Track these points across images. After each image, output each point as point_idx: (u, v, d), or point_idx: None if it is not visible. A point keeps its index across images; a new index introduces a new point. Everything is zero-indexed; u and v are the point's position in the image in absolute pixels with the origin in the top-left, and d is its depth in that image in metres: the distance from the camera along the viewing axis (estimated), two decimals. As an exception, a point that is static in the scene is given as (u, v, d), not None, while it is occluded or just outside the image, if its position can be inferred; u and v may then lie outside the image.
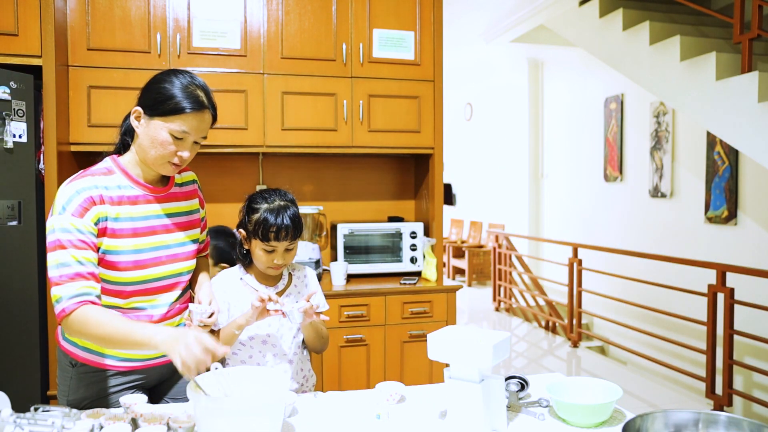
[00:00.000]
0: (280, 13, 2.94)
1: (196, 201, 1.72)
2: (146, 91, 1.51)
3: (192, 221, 1.68)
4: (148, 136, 1.48)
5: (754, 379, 4.48)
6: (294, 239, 1.72)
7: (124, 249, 1.49)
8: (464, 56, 7.31)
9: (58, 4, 2.57)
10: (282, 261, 1.72)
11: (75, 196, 1.44)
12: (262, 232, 1.68)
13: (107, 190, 1.49)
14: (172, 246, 1.60)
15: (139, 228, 1.53)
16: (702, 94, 3.75)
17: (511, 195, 8.12)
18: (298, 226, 1.72)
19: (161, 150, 1.48)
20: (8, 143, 2.39)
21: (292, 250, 1.74)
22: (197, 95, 1.49)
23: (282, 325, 1.78)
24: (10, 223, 2.43)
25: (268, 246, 1.70)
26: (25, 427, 1.22)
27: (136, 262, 1.51)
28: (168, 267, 1.59)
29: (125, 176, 1.54)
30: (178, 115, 1.46)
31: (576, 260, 5.69)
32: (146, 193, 1.57)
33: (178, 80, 1.49)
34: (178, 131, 1.47)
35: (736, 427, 1.21)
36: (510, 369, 4.87)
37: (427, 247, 3.19)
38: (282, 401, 1.35)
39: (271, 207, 1.70)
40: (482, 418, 1.39)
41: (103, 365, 1.57)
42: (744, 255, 4.60)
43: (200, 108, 1.49)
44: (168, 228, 1.59)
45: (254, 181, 3.31)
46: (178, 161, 1.51)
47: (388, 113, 3.08)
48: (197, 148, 1.55)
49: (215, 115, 1.56)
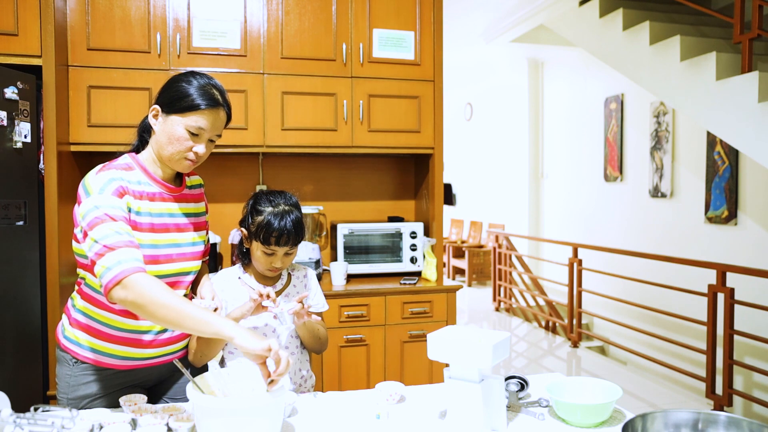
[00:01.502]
0: (280, 13, 2.94)
1: (203, 204, 1.77)
2: (165, 90, 1.57)
3: (200, 223, 1.72)
4: (165, 133, 1.53)
5: (754, 379, 4.48)
6: (295, 245, 1.73)
7: (143, 243, 1.51)
8: (464, 56, 7.31)
9: (58, 4, 2.57)
10: (281, 264, 1.73)
11: (110, 182, 1.47)
12: (264, 236, 1.69)
13: (130, 184, 1.53)
14: (182, 245, 1.63)
15: (156, 224, 1.56)
16: (702, 94, 3.75)
17: (511, 195, 8.12)
18: (300, 232, 1.73)
19: (178, 146, 1.52)
20: (17, 143, 2.40)
21: (291, 255, 1.75)
22: (213, 93, 1.54)
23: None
24: (17, 223, 2.43)
25: (268, 249, 1.71)
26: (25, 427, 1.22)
27: (153, 257, 1.54)
28: (177, 265, 1.61)
29: (144, 173, 1.58)
30: (194, 112, 1.51)
31: (576, 260, 5.69)
32: (162, 191, 1.60)
33: (196, 80, 1.55)
34: (194, 127, 1.52)
35: (736, 427, 1.21)
36: (510, 369, 4.87)
37: (427, 247, 3.19)
38: (282, 401, 1.35)
39: (275, 211, 1.71)
40: (482, 418, 1.39)
41: (103, 364, 1.57)
42: (744, 255, 4.60)
43: (215, 105, 1.54)
44: (180, 227, 1.63)
45: (254, 181, 3.31)
46: (194, 157, 1.55)
47: (388, 113, 3.08)
48: (212, 146, 1.60)
49: (230, 115, 1.62)
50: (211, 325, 1.33)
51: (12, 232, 2.41)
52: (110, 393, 1.59)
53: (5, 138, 2.36)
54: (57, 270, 2.52)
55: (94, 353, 1.57)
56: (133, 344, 1.57)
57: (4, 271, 2.39)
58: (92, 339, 1.56)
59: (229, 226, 3.14)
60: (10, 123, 2.36)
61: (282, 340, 1.79)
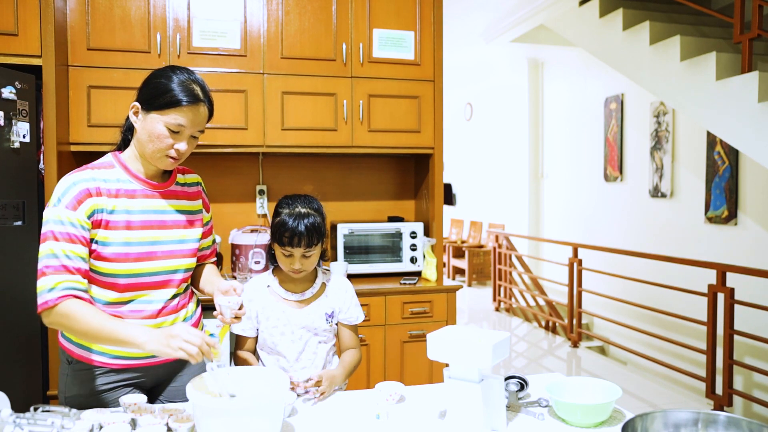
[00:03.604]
0: (280, 13, 2.94)
1: (199, 202, 1.73)
2: (144, 87, 1.55)
3: (192, 221, 1.68)
4: (145, 131, 1.51)
5: (754, 379, 4.48)
6: (309, 247, 1.73)
7: (115, 241, 1.51)
8: (464, 56, 7.31)
9: (58, 4, 2.57)
10: (300, 266, 1.75)
11: (71, 188, 1.47)
12: (279, 236, 1.74)
13: (106, 183, 1.52)
14: (166, 242, 1.60)
15: (134, 221, 1.54)
16: (702, 94, 3.75)
17: (511, 195, 8.12)
18: (315, 235, 1.74)
19: (158, 144, 1.51)
20: (15, 143, 2.40)
21: (310, 257, 1.76)
22: (192, 89, 1.51)
23: (316, 319, 1.83)
24: (15, 223, 2.43)
25: (285, 250, 1.74)
26: (25, 427, 1.22)
27: (125, 254, 1.52)
28: (162, 263, 1.59)
29: (124, 170, 1.57)
30: (173, 108, 1.49)
31: (576, 260, 5.69)
32: (144, 188, 1.58)
33: (175, 75, 1.52)
34: (173, 124, 1.50)
35: (736, 427, 1.21)
36: (510, 369, 4.87)
37: (427, 247, 3.19)
38: (282, 401, 1.35)
39: (291, 212, 1.74)
40: (482, 417, 1.39)
41: (95, 362, 1.57)
42: (744, 255, 4.60)
43: (195, 101, 1.51)
44: (164, 224, 1.60)
45: (254, 181, 3.31)
46: (175, 154, 1.53)
47: (388, 113, 3.08)
48: (195, 142, 1.57)
49: (211, 110, 1.58)
50: (120, 334, 1.40)
51: (10, 232, 2.41)
52: (104, 392, 1.58)
53: (2, 138, 2.36)
54: (57, 270, 2.52)
55: (86, 351, 1.57)
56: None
57: (3, 271, 2.39)
58: None
59: (229, 226, 3.14)
60: (7, 123, 2.36)
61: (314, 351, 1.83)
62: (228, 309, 1.52)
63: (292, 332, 1.79)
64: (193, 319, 1.72)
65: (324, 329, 1.83)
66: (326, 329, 1.84)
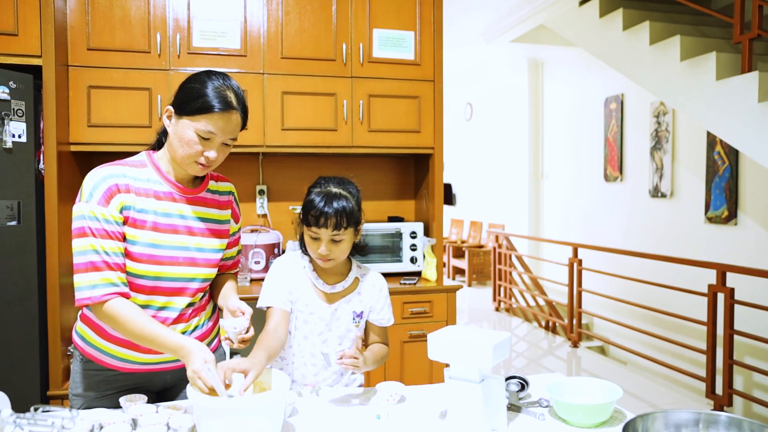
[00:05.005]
0: (280, 13, 2.94)
1: (228, 212, 1.68)
2: (179, 91, 1.52)
3: (220, 231, 1.64)
4: (176, 135, 1.49)
5: (754, 379, 4.48)
6: (337, 229, 1.62)
7: (141, 240, 1.49)
8: (464, 56, 7.31)
9: (58, 4, 2.57)
10: (326, 251, 1.64)
11: (101, 183, 1.46)
12: (305, 215, 1.65)
13: (135, 181, 1.51)
14: (190, 249, 1.57)
15: (161, 224, 1.52)
16: (702, 94, 3.75)
17: (511, 195, 8.12)
18: (344, 217, 1.62)
19: (188, 149, 1.48)
20: (7, 143, 2.39)
21: (339, 243, 1.65)
22: (225, 95, 1.47)
23: (338, 321, 1.74)
24: (9, 223, 2.42)
25: (311, 232, 1.64)
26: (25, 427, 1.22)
27: (151, 256, 1.50)
28: (183, 269, 1.56)
29: (156, 171, 1.55)
30: (204, 115, 1.45)
31: (576, 260, 5.69)
32: (174, 191, 1.56)
33: (210, 81, 1.48)
34: (203, 131, 1.46)
35: (736, 427, 1.21)
36: (510, 369, 4.87)
37: (427, 247, 3.18)
38: (282, 401, 1.35)
39: (322, 191, 1.66)
40: (482, 418, 1.39)
41: (105, 364, 1.57)
42: (744, 255, 4.60)
43: (227, 108, 1.47)
44: (191, 230, 1.57)
45: (254, 181, 3.31)
46: (205, 161, 1.50)
47: (388, 113, 3.08)
48: (227, 150, 1.53)
49: (245, 118, 1.53)
50: (165, 342, 1.41)
51: (4, 232, 2.41)
52: (111, 394, 1.58)
53: None
54: (57, 270, 2.52)
55: (96, 351, 1.57)
56: (131, 347, 1.55)
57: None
58: (96, 336, 1.56)
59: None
60: None
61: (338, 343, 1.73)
62: (234, 334, 1.48)
63: (315, 324, 1.71)
64: (201, 330, 1.65)
65: (348, 329, 1.74)
66: (350, 330, 1.74)
